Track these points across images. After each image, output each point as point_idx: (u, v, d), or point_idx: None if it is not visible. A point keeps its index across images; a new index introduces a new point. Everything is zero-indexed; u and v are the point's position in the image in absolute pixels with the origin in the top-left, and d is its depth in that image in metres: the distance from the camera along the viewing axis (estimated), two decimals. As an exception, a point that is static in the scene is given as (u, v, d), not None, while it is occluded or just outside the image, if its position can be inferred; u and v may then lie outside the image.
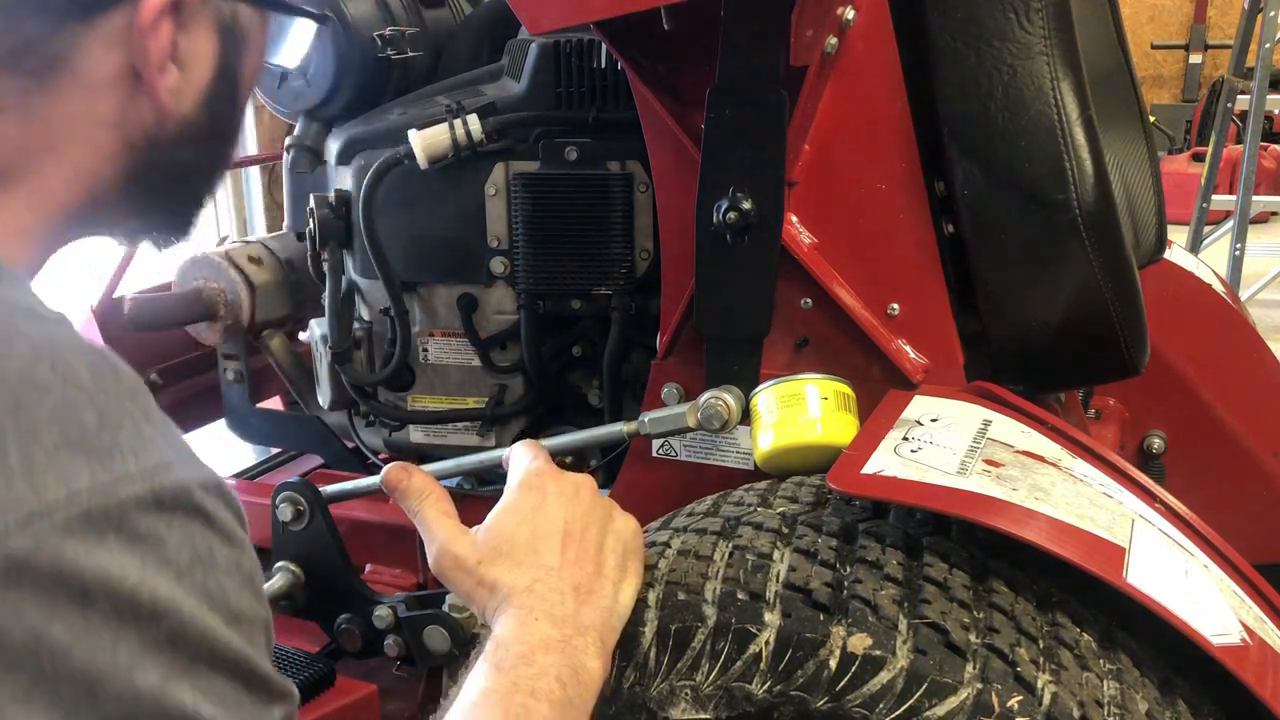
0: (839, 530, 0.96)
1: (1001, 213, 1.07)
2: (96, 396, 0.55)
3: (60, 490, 0.52)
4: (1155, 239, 1.50)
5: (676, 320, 1.19)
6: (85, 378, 0.55)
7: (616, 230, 1.31)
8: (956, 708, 0.79)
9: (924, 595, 0.86)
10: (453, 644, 1.24)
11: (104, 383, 0.56)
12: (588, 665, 0.78)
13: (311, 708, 1.23)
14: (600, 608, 0.83)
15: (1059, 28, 1.07)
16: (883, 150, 1.10)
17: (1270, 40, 4.83)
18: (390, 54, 1.52)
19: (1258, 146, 4.94)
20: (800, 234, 1.13)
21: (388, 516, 1.36)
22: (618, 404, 1.39)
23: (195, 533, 0.56)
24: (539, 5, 1.03)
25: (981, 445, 0.99)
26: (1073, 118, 1.05)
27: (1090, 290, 1.08)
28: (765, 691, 0.83)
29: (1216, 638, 0.85)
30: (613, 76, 1.31)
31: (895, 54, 1.09)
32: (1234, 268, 4.74)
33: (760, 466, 1.10)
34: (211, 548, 0.57)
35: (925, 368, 1.12)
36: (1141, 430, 1.70)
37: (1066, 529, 0.88)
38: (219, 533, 0.58)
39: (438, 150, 1.30)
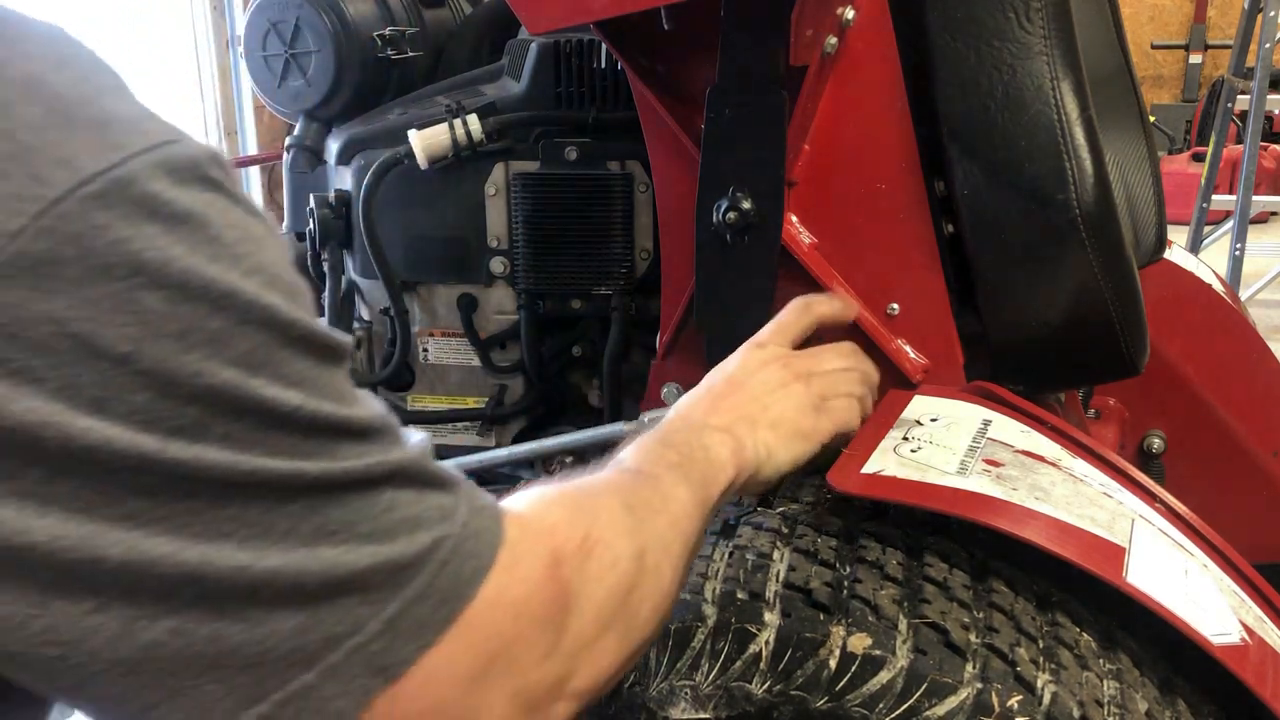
0: (839, 530, 0.96)
1: (1001, 213, 1.07)
2: (65, 68, 0.49)
3: (68, 175, 0.45)
4: (1155, 239, 1.50)
5: (676, 320, 1.19)
6: (48, 51, 0.49)
7: (616, 230, 1.31)
8: (956, 707, 0.79)
9: (924, 595, 0.86)
10: (453, 644, 1.24)
11: (72, 53, 0.50)
12: (712, 449, 0.84)
13: (311, 708, 1.22)
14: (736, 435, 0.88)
15: (1059, 28, 1.07)
16: (883, 150, 1.10)
17: (1270, 40, 4.83)
18: (390, 54, 1.53)
19: (1258, 146, 4.94)
20: (800, 234, 1.13)
21: (388, 516, 1.36)
22: (618, 404, 1.39)
23: (225, 208, 0.50)
24: (539, 5, 1.03)
25: (981, 445, 0.99)
26: (1073, 118, 1.05)
27: (1090, 290, 1.08)
28: (765, 691, 0.83)
29: (1216, 638, 0.86)
30: (613, 76, 1.31)
31: (895, 54, 1.09)
32: (1234, 268, 4.74)
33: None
34: (245, 222, 0.51)
35: (925, 368, 1.12)
36: (1141, 430, 1.70)
37: (1066, 529, 0.88)
38: (242, 204, 0.51)
39: (438, 150, 1.30)
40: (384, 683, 0.52)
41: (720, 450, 0.85)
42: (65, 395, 0.44)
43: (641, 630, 0.69)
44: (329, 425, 0.51)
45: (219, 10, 6.17)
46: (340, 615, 0.51)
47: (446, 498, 0.56)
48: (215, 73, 6.29)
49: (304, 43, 1.48)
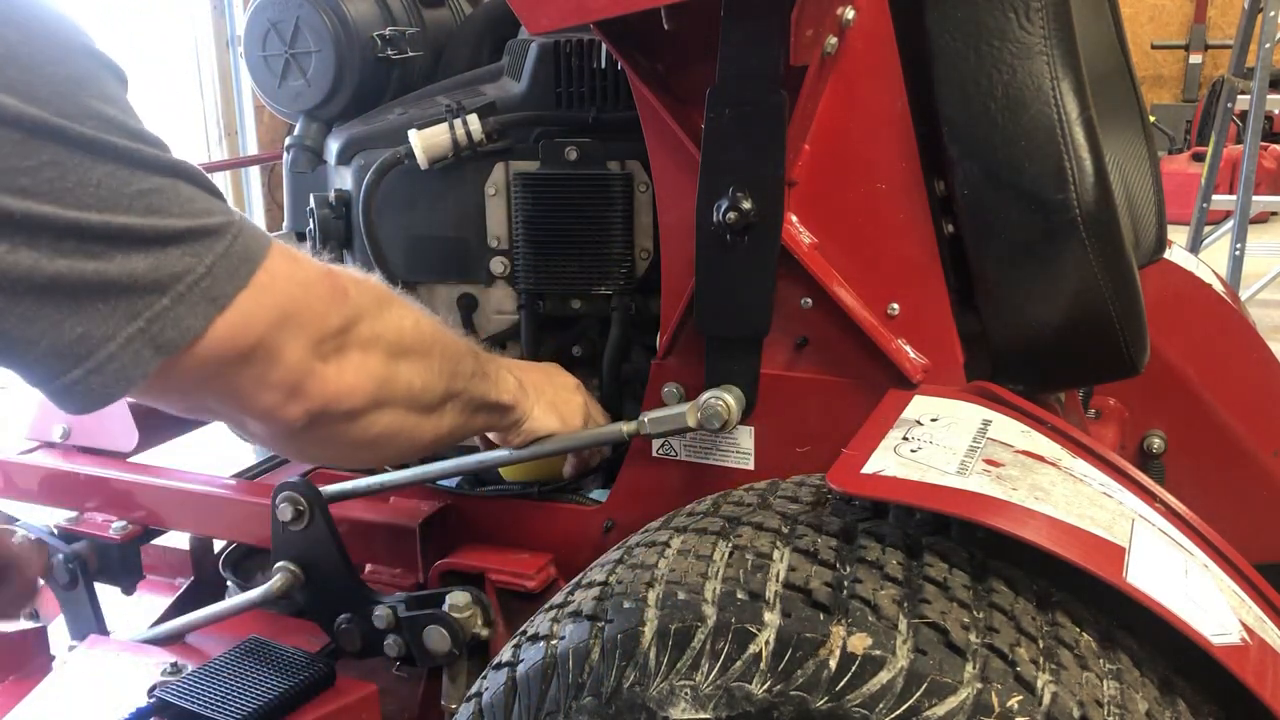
0: (839, 530, 0.96)
1: (1001, 213, 1.07)
2: None
3: None
4: (1155, 239, 1.50)
5: (676, 320, 1.19)
6: None
7: (616, 230, 1.31)
8: (956, 707, 0.79)
9: (924, 595, 0.86)
10: (453, 644, 1.25)
11: None
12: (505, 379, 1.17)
13: (311, 708, 1.23)
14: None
15: (1059, 28, 1.07)
16: (883, 150, 1.10)
17: (1270, 40, 4.83)
18: (390, 54, 1.52)
19: (1258, 146, 4.94)
20: (800, 234, 1.13)
21: (388, 516, 1.36)
22: (618, 404, 1.39)
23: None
24: (538, 5, 1.03)
25: (981, 445, 0.99)
26: (1073, 118, 1.05)
27: (1090, 290, 1.08)
28: (765, 691, 0.83)
29: (1216, 637, 0.85)
30: (613, 76, 1.31)
31: (895, 54, 1.09)
32: (1234, 268, 4.75)
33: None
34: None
35: (925, 368, 1.12)
36: (1141, 430, 1.70)
37: (1066, 529, 0.88)
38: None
39: (438, 150, 1.30)
40: (216, 310, 0.80)
41: (510, 382, 1.18)
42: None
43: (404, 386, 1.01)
44: (142, 134, 0.77)
45: (219, 10, 6.17)
46: (176, 259, 0.77)
47: (226, 204, 0.83)
48: (215, 73, 6.29)
49: (304, 43, 1.48)
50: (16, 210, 0.69)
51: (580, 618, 0.94)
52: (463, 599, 1.24)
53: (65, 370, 0.75)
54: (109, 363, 0.76)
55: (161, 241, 0.76)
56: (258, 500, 1.41)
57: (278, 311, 0.85)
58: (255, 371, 0.87)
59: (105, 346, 0.75)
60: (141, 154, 0.76)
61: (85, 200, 0.72)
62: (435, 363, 1.06)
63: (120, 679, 1.31)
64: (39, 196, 0.70)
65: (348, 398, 0.95)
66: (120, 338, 0.76)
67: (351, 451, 1.05)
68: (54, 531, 1.55)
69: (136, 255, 0.75)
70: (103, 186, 0.73)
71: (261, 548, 1.46)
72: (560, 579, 1.31)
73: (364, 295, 0.98)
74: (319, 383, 0.92)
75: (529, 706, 0.94)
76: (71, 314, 0.73)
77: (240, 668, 1.25)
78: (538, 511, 1.33)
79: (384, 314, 1.00)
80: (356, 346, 0.96)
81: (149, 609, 1.64)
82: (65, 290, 0.72)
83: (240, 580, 1.53)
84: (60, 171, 0.71)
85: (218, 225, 0.80)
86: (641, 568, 0.96)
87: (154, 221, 0.76)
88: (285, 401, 0.90)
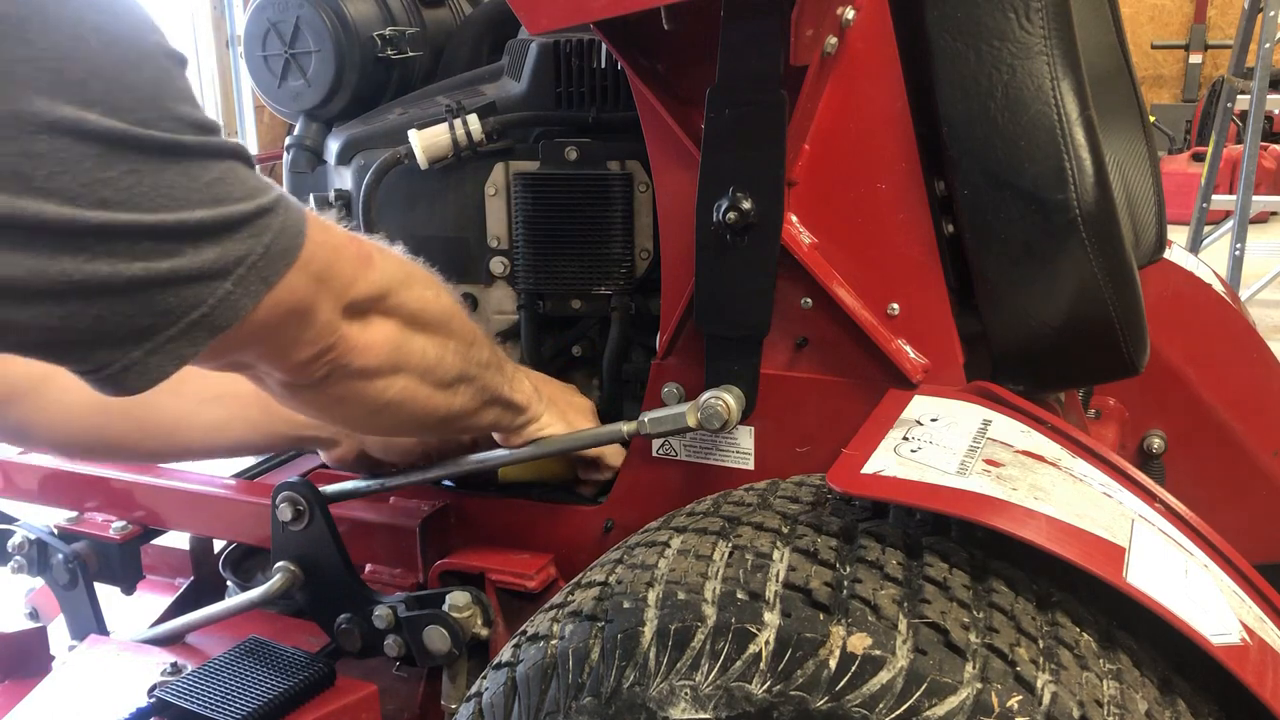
0: (839, 530, 0.96)
1: (1001, 213, 1.07)
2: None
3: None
4: (1155, 239, 1.50)
5: (676, 320, 1.19)
6: None
7: (616, 230, 1.31)
8: (956, 707, 0.79)
9: (924, 595, 0.86)
10: (453, 644, 1.25)
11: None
12: (522, 382, 1.23)
13: (311, 708, 1.23)
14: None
15: (1059, 28, 1.07)
16: (883, 150, 1.10)
17: (1270, 40, 4.83)
18: (390, 54, 1.52)
19: (1258, 146, 4.95)
20: (800, 234, 1.13)
21: (388, 516, 1.36)
22: (618, 404, 1.39)
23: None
24: (538, 5, 1.03)
25: (981, 445, 0.99)
26: (1073, 118, 1.05)
27: (1090, 290, 1.08)
28: (765, 691, 0.83)
29: (1216, 638, 0.86)
30: (613, 76, 1.31)
31: (895, 54, 1.09)
32: (1234, 268, 4.75)
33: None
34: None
35: (925, 368, 1.12)
36: (1141, 430, 1.70)
37: (1066, 529, 0.88)
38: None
39: (438, 150, 1.30)
40: (266, 288, 0.82)
41: (525, 385, 1.23)
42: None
43: (419, 353, 1.05)
44: (206, 124, 0.79)
45: (219, 10, 6.18)
46: (239, 244, 0.79)
47: (267, 182, 0.84)
48: (215, 72, 6.29)
49: (304, 43, 1.48)
50: (94, 221, 0.71)
51: (580, 618, 0.94)
52: (463, 599, 1.24)
53: (118, 359, 0.77)
54: (165, 345, 0.78)
55: (229, 229, 0.79)
56: (258, 500, 1.41)
57: (314, 277, 0.89)
58: (291, 333, 0.91)
59: (165, 333, 0.77)
60: (207, 145, 0.78)
61: (160, 203, 0.74)
62: (451, 341, 1.10)
63: (120, 679, 1.31)
64: (117, 206, 0.72)
65: (364, 355, 0.99)
66: (182, 324, 0.78)
67: (366, 414, 1.09)
68: (54, 531, 1.55)
69: (206, 246, 0.77)
70: (176, 187, 0.75)
71: (261, 548, 1.46)
72: (560, 579, 1.31)
73: (389, 264, 1.02)
74: (342, 339, 0.96)
75: (529, 706, 0.94)
76: (143, 309, 0.75)
77: (240, 668, 1.25)
78: (538, 512, 1.33)
79: (408, 286, 1.04)
80: (378, 311, 1.00)
81: (149, 609, 1.64)
82: (139, 288, 0.74)
83: (240, 580, 1.53)
84: (138, 179, 0.73)
85: (270, 204, 0.82)
86: (641, 568, 0.96)
87: (221, 211, 0.78)
88: (315, 356, 0.95)
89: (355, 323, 0.98)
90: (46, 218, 0.69)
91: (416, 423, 1.16)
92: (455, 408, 1.14)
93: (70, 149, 0.69)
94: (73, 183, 0.69)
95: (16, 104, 0.67)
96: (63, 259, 0.70)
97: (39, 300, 0.71)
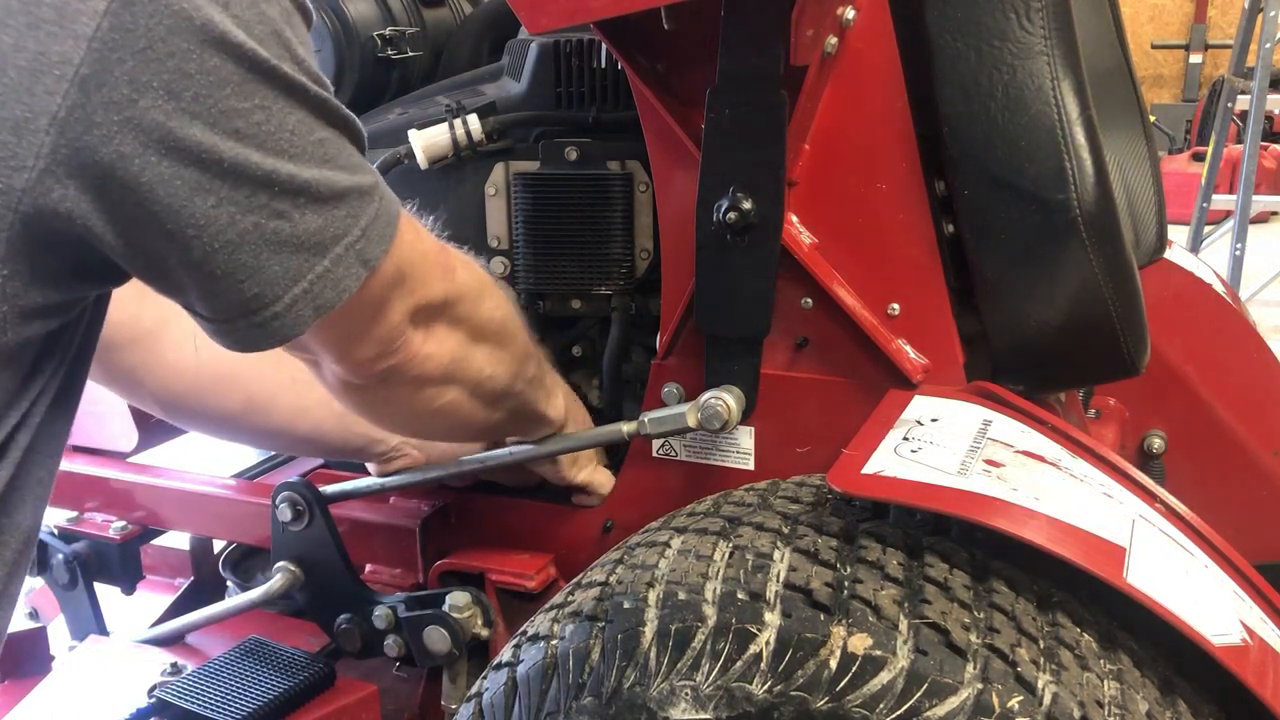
0: (839, 530, 0.96)
1: (1001, 213, 1.07)
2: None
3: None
4: (1155, 239, 1.49)
5: (676, 320, 1.19)
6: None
7: (616, 230, 1.31)
8: (957, 708, 0.79)
9: (924, 595, 0.86)
10: (453, 644, 1.25)
11: None
12: (559, 398, 1.24)
13: (311, 708, 1.23)
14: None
15: (1059, 28, 1.07)
16: (883, 150, 1.10)
17: (1270, 40, 4.83)
18: (390, 54, 1.52)
19: (1258, 146, 4.95)
20: (800, 234, 1.13)
21: (388, 516, 1.36)
22: (618, 404, 1.39)
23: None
24: (538, 5, 1.03)
25: (981, 445, 0.99)
26: (1073, 118, 1.05)
27: (1090, 290, 1.08)
28: (765, 691, 0.83)
29: (1217, 638, 0.86)
30: (613, 76, 1.31)
31: (895, 54, 1.09)
32: (1234, 268, 4.75)
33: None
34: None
35: (925, 368, 1.12)
36: (1141, 430, 1.70)
37: (1066, 529, 0.88)
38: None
39: (438, 150, 1.30)
40: (365, 272, 0.80)
41: (559, 399, 1.24)
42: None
43: (484, 364, 1.07)
44: (322, 79, 0.78)
45: (219, 10, 6.15)
46: (340, 220, 0.77)
47: (367, 164, 0.82)
48: (215, 72, 6.26)
49: (304, 43, 1.48)
50: (227, 155, 0.69)
51: (580, 618, 0.94)
52: (463, 599, 1.24)
53: (231, 319, 0.76)
54: (273, 320, 0.76)
55: (332, 199, 0.76)
56: (258, 500, 1.41)
57: (398, 275, 0.88)
58: (363, 326, 0.90)
59: (273, 306, 0.76)
60: (324, 101, 0.76)
61: (281, 146, 0.72)
62: (507, 356, 1.11)
63: (120, 679, 1.31)
64: (247, 139, 0.70)
65: (423, 364, 0.99)
66: (287, 298, 0.76)
67: (409, 419, 1.10)
68: (54, 531, 1.55)
69: (311, 213, 0.75)
70: (295, 133, 0.73)
71: (261, 548, 1.46)
72: (560, 579, 1.31)
73: (469, 277, 1.03)
74: (406, 343, 0.95)
75: (529, 707, 0.94)
76: (251, 275, 0.74)
77: (240, 668, 1.25)
78: (538, 511, 1.33)
79: (481, 300, 1.05)
80: (446, 321, 1.00)
81: (149, 609, 1.64)
82: (249, 248, 0.73)
83: (240, 580, 1.53)
84: (267, 115, 0.71)
85: (370, 185, 0.81)
86: (642, 568, 0.96)
87: (326, 174, 0.76)
88: (377, 356, 0.94)
89: (421, 329, 0.97)
90: (190, 144, 0.67)
91: (455, 432, 1.18)
92: (495, 420, 1.15)
93: (218, 70, 0.67)
94: (214, 108, 0.68)
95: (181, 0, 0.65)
96: (195, 199, 0.69)
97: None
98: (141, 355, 1.22)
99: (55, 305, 0.71)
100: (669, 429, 1.16)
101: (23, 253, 0.66)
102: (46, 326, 0.72)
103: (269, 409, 1.27)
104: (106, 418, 1.56)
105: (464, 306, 1.01)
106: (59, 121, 0.64)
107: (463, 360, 1.04)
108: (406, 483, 1.31)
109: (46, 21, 0.62)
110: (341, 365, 0.95)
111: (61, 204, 0.66)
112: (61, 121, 0.64)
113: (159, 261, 0.72)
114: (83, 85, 0.63)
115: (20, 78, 0.63)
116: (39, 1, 0.62)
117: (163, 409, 1.30)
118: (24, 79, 0.63)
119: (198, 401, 1.26)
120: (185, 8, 0.65)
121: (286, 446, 1.50)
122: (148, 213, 0.68)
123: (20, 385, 0.72)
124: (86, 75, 0.63)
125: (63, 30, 0.63)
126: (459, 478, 1.32)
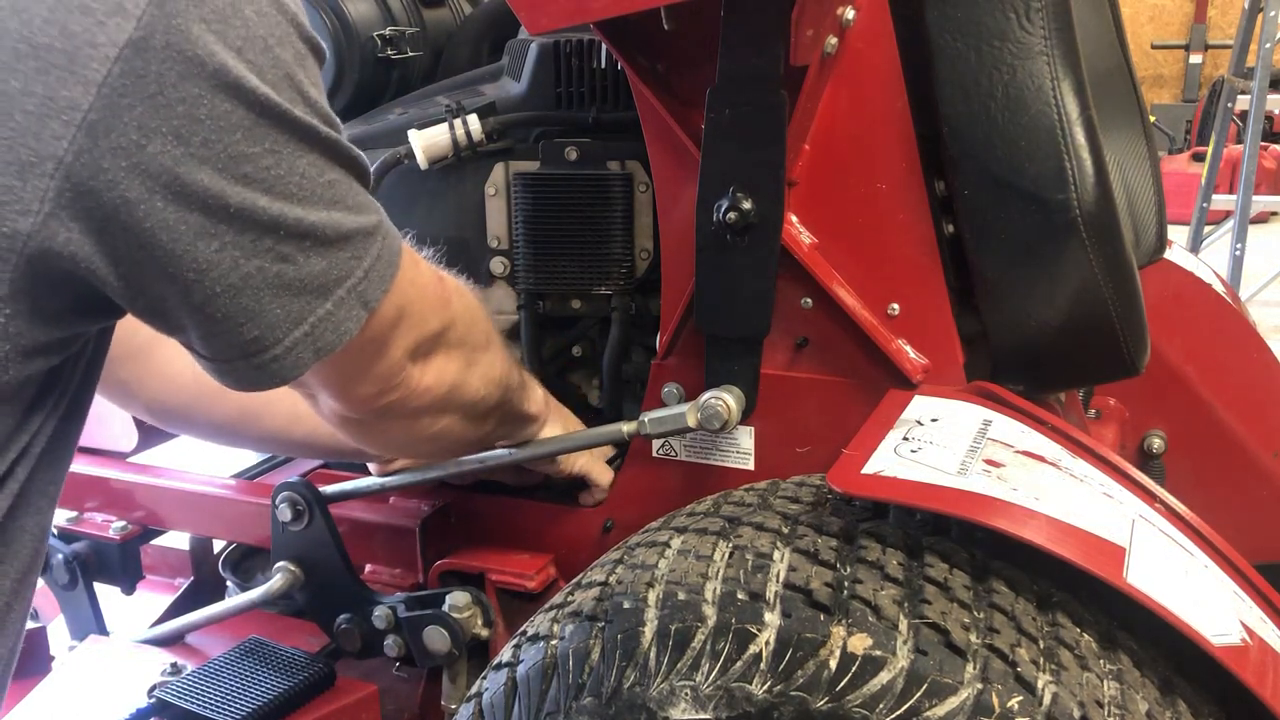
0: (839, 530, 0.96)
1: (1001, 213, 1.07)
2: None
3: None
4: (1155, 239, 1.49)
5: (676, 320, 1.19)
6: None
7: (616, 230, 1.31)
8: (957, 708, 0.79)
9: (924, 595, 0.86)
10: (453, 644, 1.25)
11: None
12: (539, 398, 1.25)
13: (311, 708, 1.22)
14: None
15: (1059, 28, 1.07)
16: (883, 150, 1.10)
17: (1270, 40, 4.83)
18: (390, 54, 1.52)
19: (1258, 146, 4.95)
20: (800, 234, 1.13)
21: (388, 516, 1.36)
22: (618, 404, 1.39)
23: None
24: (538, 5, 1.03)
25: (981, 445, 0.99)
26: (1073, 118, 1.05)
27: (1090, 290, 1.08)
28: (765, 691, 0.83)
29: (1217, 638, 0.86)
30: (613, 76, 1.31)
31: (895, 54, 1.09)
32: (1234, 268, 4.75)
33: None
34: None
35: (925, 368, 1.12)
36: (1141, 430, 1.70)
37: (1066, 529, 0.88)
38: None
39: (438, 150, 1.30)
40: (366, 313, 0.81)
41: (539, 394, 1.25)
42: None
43: (476, 388, 1.07)
44: (333, 119, 0.77)
45: (219, 10, 6.14)
46: (343, 262, 0.78)
47: (372, 201, 0.83)
48: (215, 72, 6.26)
49: (304, 43, 1.48)
50: (234, 200, 0.69)
51: (580, 618, 0.94)
52: (463, 599, 1.24)
53: (230, 360, 0.77)
54: (272, 363, 0.77)
55: (338, 242, 0.77)
56: (258, 500, 1.41)
57: (398, 312, 0.88)
58: (362, 365, 0.90)
59: (273, 349, 0.77)
60: (335, 143, 0.76)
61: (290, 190, 0.72)
62: (498, 374, 1.12)
63: (120, 679, 1.31)
64: (255, 184, 0.70)
65: (421, 397, 1.00)
66: (288, 341, 0.76)
67: (404, 445, 1.12)
68: (54, 532, 1.55)
69: (315, 256, 0.75)
70: (305, 176, 0.73)
71: (261, 548, 1.46)
72: (560, 579, 1.31)
73: (462, 306, 1.03)
74: (405, 380, 0.96)
75: (529, 707, 0.94)
76: (252, 319, 0.74)
77: (240, 668, 1.25)
78: (538, 512, 1.33)
79: (473, 327, 1.05)
80: (442, 351, 1.00)
81: (149, 609, 1.64)
82: (252, 292, 0.73)
83: (240, 580, 1.53)
84: (277, 159, 0.71)
85: (373, 226, 0.81)
86: (641, 568, 0.96)
87: (334, 216, 0.76)
88: (377, 394, 0.93)
89: (419, 363, 0.97)
90: (197, 189, 0.67)
91: (448, 451, 1.19)
92: (485, 432, 1.16)
93: (229, 115, 0.67)
94: (223, 153, 0.68)
95: (194, 45, 0.65)
96: (198, 244, 0.69)
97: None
98: (136, 369, 1.23)
99: (57, 342, 0.71)
100: (669, 429, 1.16)
101: (26, 293, 0.66)
102: (49, 363, 0.72)
103: (262, 416, 1.28)
104: (106, 418, 1.56)
105: (456, 334, 1.01)
106: (65, 166, 0.63)
107: (460, 387, 1.05)
108: (406, 483, 1.31)
109: (56, 66, 0.62)
110: (340, 402, 0.95)
111: (66, 246, 0.66)
112: (67, 166, 0.63)
113: (160, 303, 0.72)
114: (90, 130, 0.63)
115: (27, 121, 0.62)
116: (50, 47, 0.62)
117: (156, 418, 1.31)
118: (31, 123, 0.62)
119: (191, 412, 1.27)
120: (199, 53, 0.65)
121: (282, 450, 1.51)
122: (149, 256, 0.68)
123: (20, 420, 0.73)
124: (95, 120, 0.63)
125: (72, 76, 0.62)
126: (459, 477, 1.32)
